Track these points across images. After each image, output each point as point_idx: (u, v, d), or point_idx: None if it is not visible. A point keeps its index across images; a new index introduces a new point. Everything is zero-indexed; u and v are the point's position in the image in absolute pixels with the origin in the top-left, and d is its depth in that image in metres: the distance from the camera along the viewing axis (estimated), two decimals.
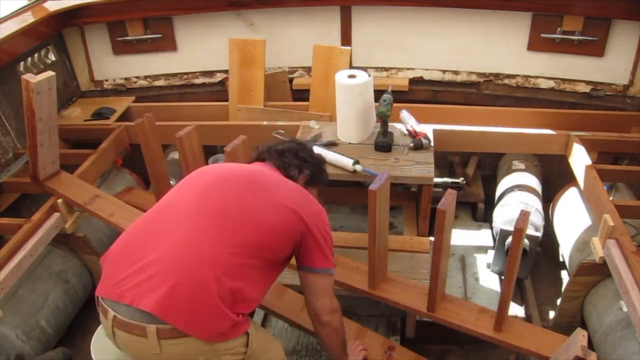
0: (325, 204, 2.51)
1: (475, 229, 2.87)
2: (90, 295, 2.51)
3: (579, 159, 2.35)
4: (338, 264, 2.17)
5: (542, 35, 2.76)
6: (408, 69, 3.08)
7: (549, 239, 2.57)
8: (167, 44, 3.14)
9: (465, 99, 3.05)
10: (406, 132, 2.41)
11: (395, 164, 2.23)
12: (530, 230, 2.36)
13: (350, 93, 2.29)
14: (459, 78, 3.03)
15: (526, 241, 2.32)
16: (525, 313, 2.40)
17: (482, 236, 2.82)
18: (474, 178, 3.00)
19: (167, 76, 3.24)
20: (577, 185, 2.42)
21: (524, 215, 1.60)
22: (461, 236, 2.80)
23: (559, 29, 2.71)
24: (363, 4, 2.94)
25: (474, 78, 3.01)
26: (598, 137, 2.48)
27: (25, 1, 3.03)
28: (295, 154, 1.69)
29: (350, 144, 2.39)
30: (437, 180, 2.75)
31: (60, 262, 2.38)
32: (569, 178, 2.52)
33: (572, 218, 2.45)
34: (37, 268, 2.28)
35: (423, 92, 3.08)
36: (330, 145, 2.36)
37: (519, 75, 2.94)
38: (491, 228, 2.76)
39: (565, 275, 2.56)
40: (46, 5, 2.97)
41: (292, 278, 1.88)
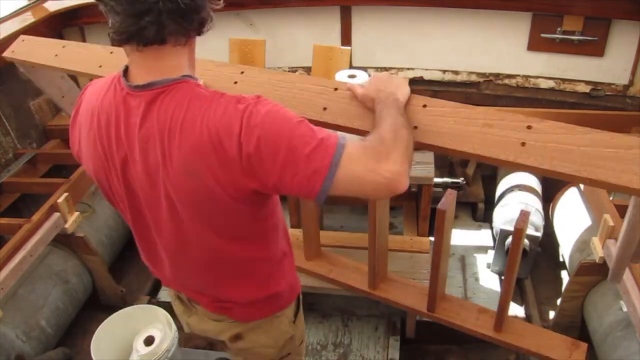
0: (325, 204, 2.52)
1: (475, 229, 2.87)
2: (91, 295, 2.51)
3: None
4: (338, 264, 2.18)
5: (542, 35, 2.76)
6: (408, 69, 3.08)
7: (549, 239, 2.57)
8: None
9: (465, 99, 3.04)
10: None
11: None
12: (530, 230, 2.36)
13: None
14: (459, 78, 3.03)
15: (526, 241, 2.32)
16: (525, 313, 2.40)
17: (482, 236, 2.82)
18: (474, 178, 3.00)
19: None
20: (577, 185, 2.42)
21: (524, 215, 1.60)
22: (461, 236, 2.80)
23: (559, 29, 2.71)
24: (363, 4, 2.93)
25: (474, 78, 3.01)
26: None
27: (25, 1, 3.03)
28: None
29: None
30: (437, 180, 2.74)
31: (60, 262, 2.37)
32: None
33: (572, 218, 2.45)
34: (37, 268, 2.28)
35: (423, 92, 3.03)
36: None
37: (519, 75, 2.94)
38: (491, 228, 2.77)
39: (565, 275, 2.56)
40: (46, 5, 2.97)
41: None
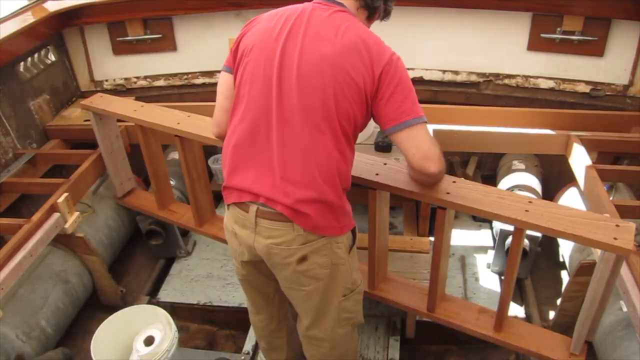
0: None
1: (475, 229, 2.87)
2: (90, 295, 2.51)
3: (579, 159, 2.35)
4: None
5: (542, 35, 2.76)
6: (408, 69, 3.05)
7: (549, 239, 2.57)
8: (167, 44, 3.14)
9: (465, 99, 3.05)
10: None
11: None
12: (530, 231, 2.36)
13: None
14: (459, 78, 3.03)
15: (526, 241, 2.33)
16: (525, 313, 2.40)
17: (482, 236, 2.81)
18: (474, 178, 3.00)
19: (167, 76, 3.24)
20: (577, 185, 2.42)
21: None
22: (461, 236, 2.79)
23: (558, 29, 2.71)
24: None
25: (473, 78, 3.01)
26: (598, 137, 2.48)
27: (25, 1, 3.03)
28: None
29: None
30: None
31: (60, 262, 2.37)
32: (569, 178, 2.51)
33: None
34: (37, 268, 2.28)
35: (423, 92, 3.07)
36: None
37: (518, 75, 2.94)
38: (491, 228, 2.77)
39: (565, 275, 2.56)
40: (46, 5, 2.96)
41: None
